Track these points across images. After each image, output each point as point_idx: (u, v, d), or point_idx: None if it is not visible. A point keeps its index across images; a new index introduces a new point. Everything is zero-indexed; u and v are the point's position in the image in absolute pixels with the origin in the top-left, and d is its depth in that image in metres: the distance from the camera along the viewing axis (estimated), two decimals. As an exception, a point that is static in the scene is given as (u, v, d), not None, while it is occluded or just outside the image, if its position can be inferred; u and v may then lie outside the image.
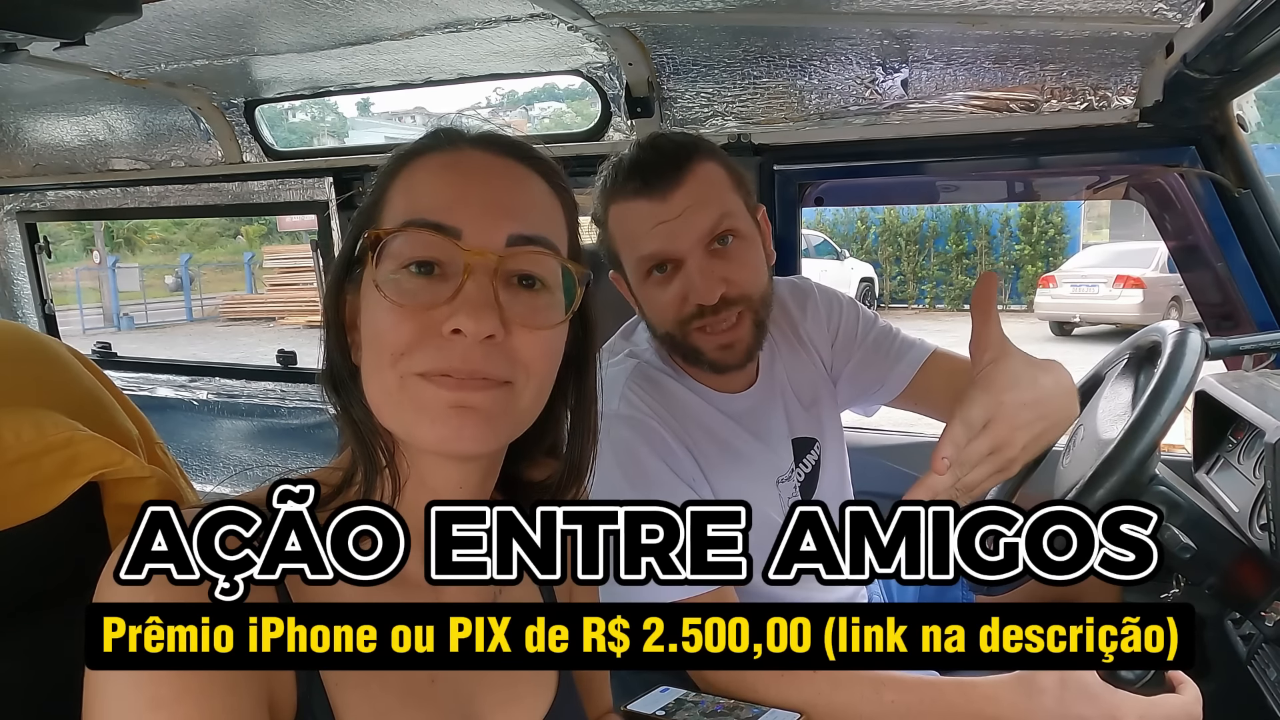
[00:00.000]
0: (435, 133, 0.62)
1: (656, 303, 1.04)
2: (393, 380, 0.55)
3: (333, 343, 0.60)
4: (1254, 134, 1.35)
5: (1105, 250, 12.49)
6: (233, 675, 0.48)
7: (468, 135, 0.61)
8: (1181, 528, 0.94)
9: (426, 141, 0.61)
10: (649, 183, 1.01)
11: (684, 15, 1.41)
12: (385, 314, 0.55)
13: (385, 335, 0.55)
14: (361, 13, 1.41)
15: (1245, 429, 1.10)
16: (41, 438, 0.61)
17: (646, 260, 1.02)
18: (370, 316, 0.57)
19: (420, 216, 0.56)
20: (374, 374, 0.57)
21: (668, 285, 1.02)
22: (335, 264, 0.61)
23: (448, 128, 0.62)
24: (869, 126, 1.55)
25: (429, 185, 0.58)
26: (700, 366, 1.07)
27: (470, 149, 0.60)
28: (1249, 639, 0.96)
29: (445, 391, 0.54)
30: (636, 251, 1.03)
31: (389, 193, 0.59)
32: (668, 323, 1.04)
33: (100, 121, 2.13)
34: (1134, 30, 1.23)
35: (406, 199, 0.58)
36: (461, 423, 0.55)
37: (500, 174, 0.59)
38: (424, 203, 0.57)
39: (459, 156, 0.59)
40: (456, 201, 0.57)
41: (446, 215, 0.56)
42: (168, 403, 2.50)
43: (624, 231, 1.04)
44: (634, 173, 1.02)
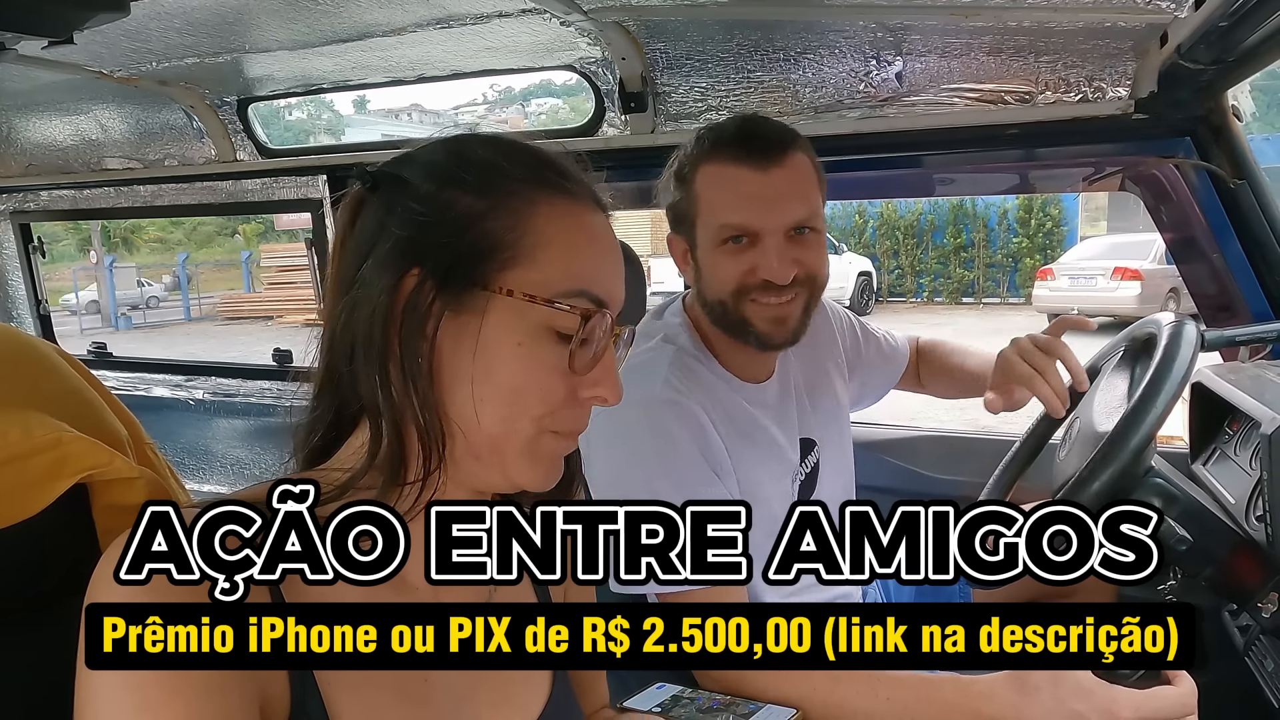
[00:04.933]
0: (562, 169, 0.60)
1: (722, 269, 1.06)
2: (528, 431, 0.56)
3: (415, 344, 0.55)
4: (1249, 124, 1.35)
5: (1103, 242, 12.51)
6: (224, 677, 0.48)
7: (587, 188, 0.61)
8: (1178, 520, 0.95)
9: (559, 181, 0.59)
10: (752, 152, 1.03)
11: (677, 9, 1.40)
12: (538, 371, 0.55)
13: (531, 393, 0.56)
14: (353, 9, 1.40)
15: (1241, 420, 1.10)
16: (29, 439, 0.61)
17: (729, 228, 1.05)
18: (513, 364, 0.55)
19: (590, 290, 0.57)
20: (501, 418, 0.56)
21: (739, 256, 1.04)
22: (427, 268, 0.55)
23: (563, 161, 0.61)
24: (863, 120, 1.55)
25: (590, 253, 0.58)
26: (744, 339, 1.09)
27: (592, 205, 0.60)
28: (1246, 630, 0.97)
29: (561, 448, 0.59)
30: (721, 218, 1.05)
31: (532, 222, 0.56)
32: (726, 291, 1.06)
33: (93, 121, 2.12)
34: (1128, 21, 1.23)
35: (570, 259, 0.57)
36: (556, 471, 0.60)
37: (616, 242, 0.62)
38: (591, 274, 0.57)
39: (591, 217, 0.60)
40: (612, 279, 0.59)
41: (605, 289, 0.58)
42: (164, 402, 2.50)
43: (713, 194, 1.06)
44: (740, 139, 1.05)
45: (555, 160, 0.60)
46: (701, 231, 1.08)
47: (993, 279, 15.26)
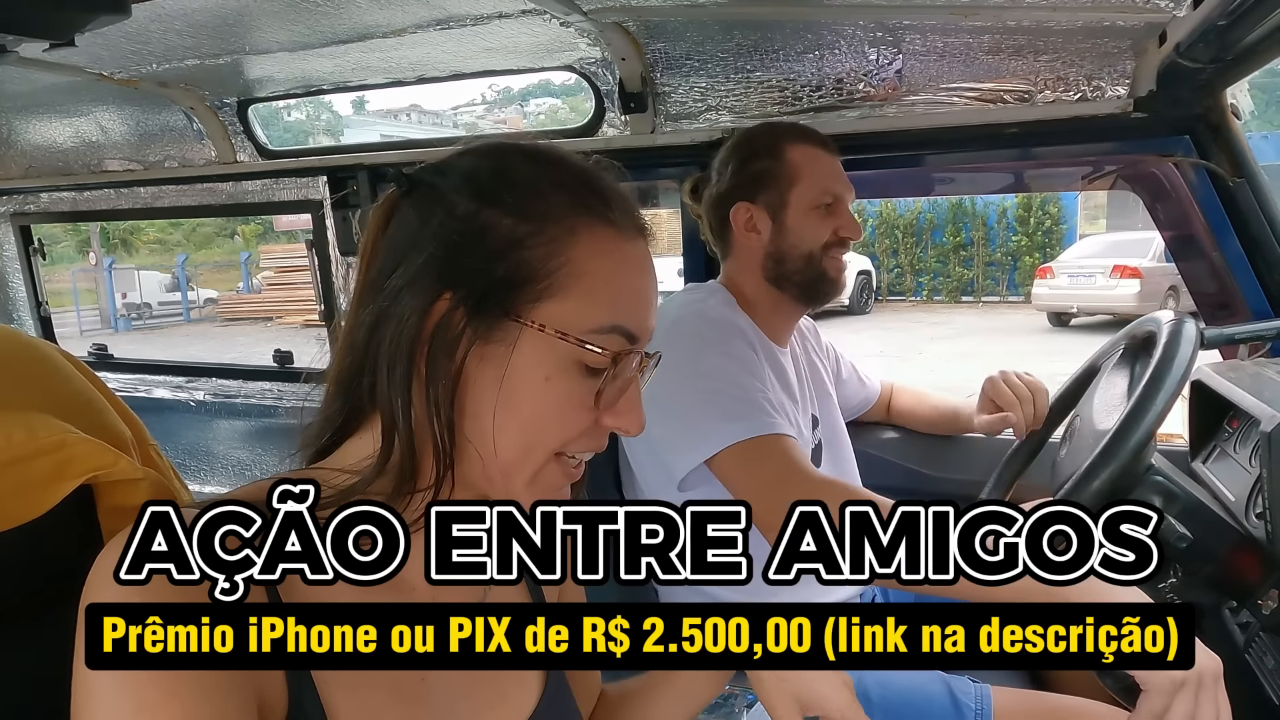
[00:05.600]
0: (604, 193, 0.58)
1: (813, 227, 1.27)
2: (540, 459, 0.57)
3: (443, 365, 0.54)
4: (1248, 123, 1.35)
5: (1102, 240, 12.49)
6: (221, 677, 0.48)
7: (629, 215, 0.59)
8: (1178, 517, 0.95)
9: (602, 209, 0.57)
10: (828, 143, 1.31)
11: (676, 9, 1.40)
12: (562, 404, 0.55)
13: (553, 423, 0.56)
14: (353, 10, 1.40)
15: (1241, 418, 1.10)
16: (33, 440, 0.61)
17: (826, 195, 1.27)
18: (538, 396, 0.55)
19: (625, 326, 0.56)
20: (518, 443, 0.56)
21: (826, 218, 1.27)
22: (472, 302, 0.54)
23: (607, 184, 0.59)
24: (863, 119, 1.55)
25: (628, 288, 0.57)
26: (815, 288, 1.29)
27: (635, 235, 0.58)
28: (1246, 627, 0.97)
29: (564, 479, 0.59)
30: (821, 185, 1.27)
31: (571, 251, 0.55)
32: (817, 244, 1.27)
33: (93, 122, 2.12)
34: (1126, 20, 1.23)
35: (607, 292, 0.55)
36: (559, 494, 0.60)
37: (653, 271, 0.60)
38: (627, 310, 0.56)
39: (632, 247, 0.58)
40: (644, 310, 0.58)
41: (638, 325, 0.57)
42: (165, 404, 2.50)
43: (811, 166, 1.27)
44: (811, 130, 1.31)
45: (600, 183, 0.58)
46: (800, 195, 1.27)
47: (992, 277, 15.25)
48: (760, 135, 1.30)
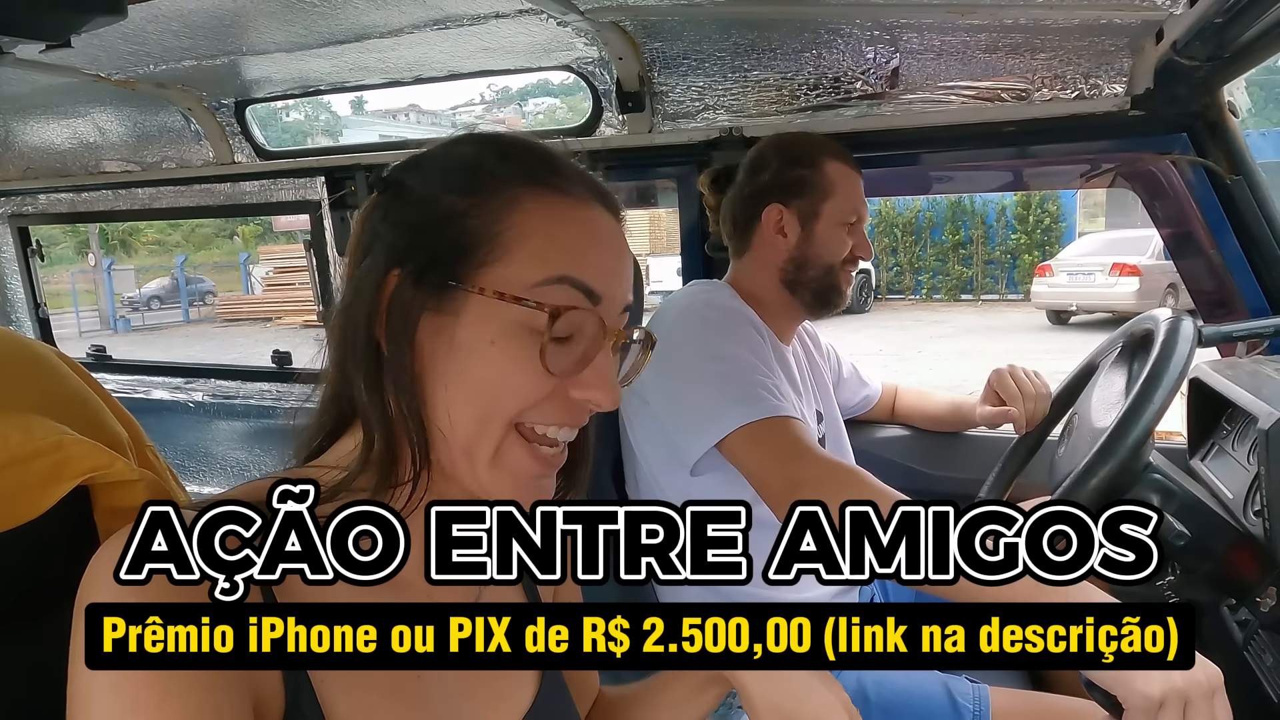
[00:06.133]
0: (553, 163, 0.58)
1: (838, 241, 1.32)
2: (497, 433, 0.55)
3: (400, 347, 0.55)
4: (1245, 120, 1.35)
5: (1101, 238, 12.51)
6: (217, 677, 0.48)
7: (585, 182, 0.59)
8: (1176, 515, 0.95)
9: (546, 173, 0.57)
10: (857, 166, 1.36)
11: (673, 9, 1.40)
12: (514, 369, 0.54)
13: (505, 390, 0.54)
14: (350, 11, 1.40)
15: (1239, 416, 1.10)
16: (30, 442, 0.61)
17: (852, 214, 1.33)
18: (489, 362, 0.54)
19: (573, 275, 0.54)
20: (472, 417, 0.55)
21: (848, 235, 1.33)
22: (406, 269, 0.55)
23: (560, 157, 0.59)
24: (860, 118, 1.55)
25: (576, 243, 0.56)
26: (826, 298, 1.34)
27: (597, 205, 0.58)
28: (1245, 625, 0.97)
29: (534, 465, 0.57)
30: (850, 204, 1.33)
31: (514, 217, 0.55)
32: (837, 258, 1.33)
33: (90, 124, 2.12)
34: (1123, 18, 1.23)
35: (551, 248, 0.55)
36: (538, 489, 0.58)
37: (621, 241, 0.60)
38: (574, 261, 0.55)
39: (592, 213, 0.58)
40: (601, 271, 0.56)
41: (595, 282, 0.55)
42: (163, 405, 2.49)
43: (845, 186, 1.32)
44: (846, 151, 1.35)
45: (551, 156, 0.58)
46: (832, 209, 1.31)
47: (991, 276, 15.27)
48: (802, 144, 1.34)
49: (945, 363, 9.07)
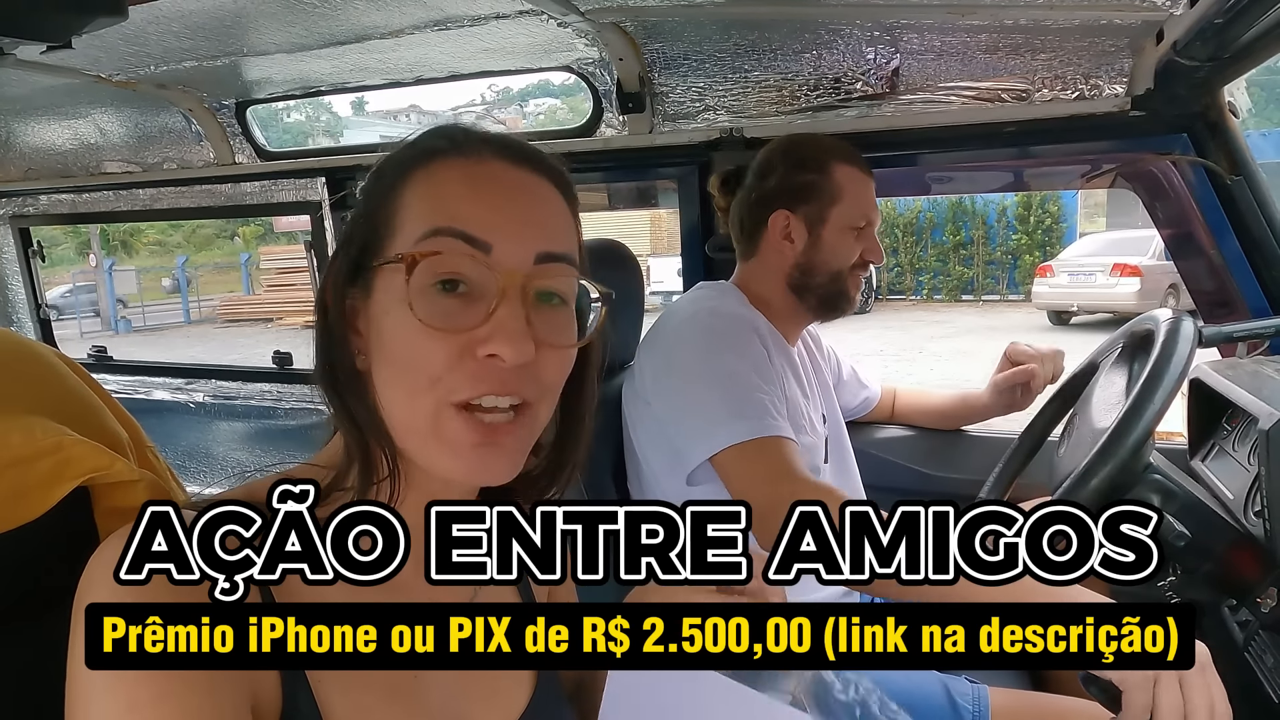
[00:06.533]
0: (451, 134, 0.58)
1: (846, 247, 1.31)
2: (427, 407, 0.54)
3: (333, 342, 0.57)
4: (1246, 120, 1.35)
5: (1102, 239, 12.50)
6: (214, 677, 0.48)
7: (488, 141, 0.58)
8: (1177, 515, 0.95)
9: (443, 144, 0.57)
10: (868, 167, 1.33)
11: (674, 9, 1.40)
12: (416, 335, 0.53)
13: (418, 358, 0.53)
14: (350, 12, 1.40)
15: (1240, 416, 1.10)
16: (30, 443, 0.61)
17: (862, 219, 1.31)
18: (396, 334, 0.54)
19: (449, 224, 0.54)
20: (403, 397, 0.55)
21: (858, 240, 1.31)
22: (337, 263, 0.58)
23: (463, 128, 0.59)
24: (860, 119, 1.55)
25: (456, 194, 0.55)
26: (834, 303, 1.33)
27: (493, 159, 0.57)
28: (1245, 625, 0.97)
29: (473, 434, 0.54)
30: (860, 209, 1.30)
31: (403, 196, 0.56)
32: (846, 263, 1.31)
33: (91, 125, 2.12)
34: (1124, 18, 1.23)
35: (429, 205, 0.55)
36: (487, 460, 0.55)
37: (525, 188, 0.57)
38: (452, 211, 0.54)
39: (483, 166, 0.56)
40: (488, 215, 0.55)
41: (478, 228, 0.54)
42: (164, 405, 2.49)
43: (854, 188, 1.30)
44: (857, 153, 1.32)
45: (450, 130, 0.59)
46: (839, 214, 1.29)
47: (992, 276, 15.26)
48: (810, 147, 1.32)
49: (946, 363, 9.06)
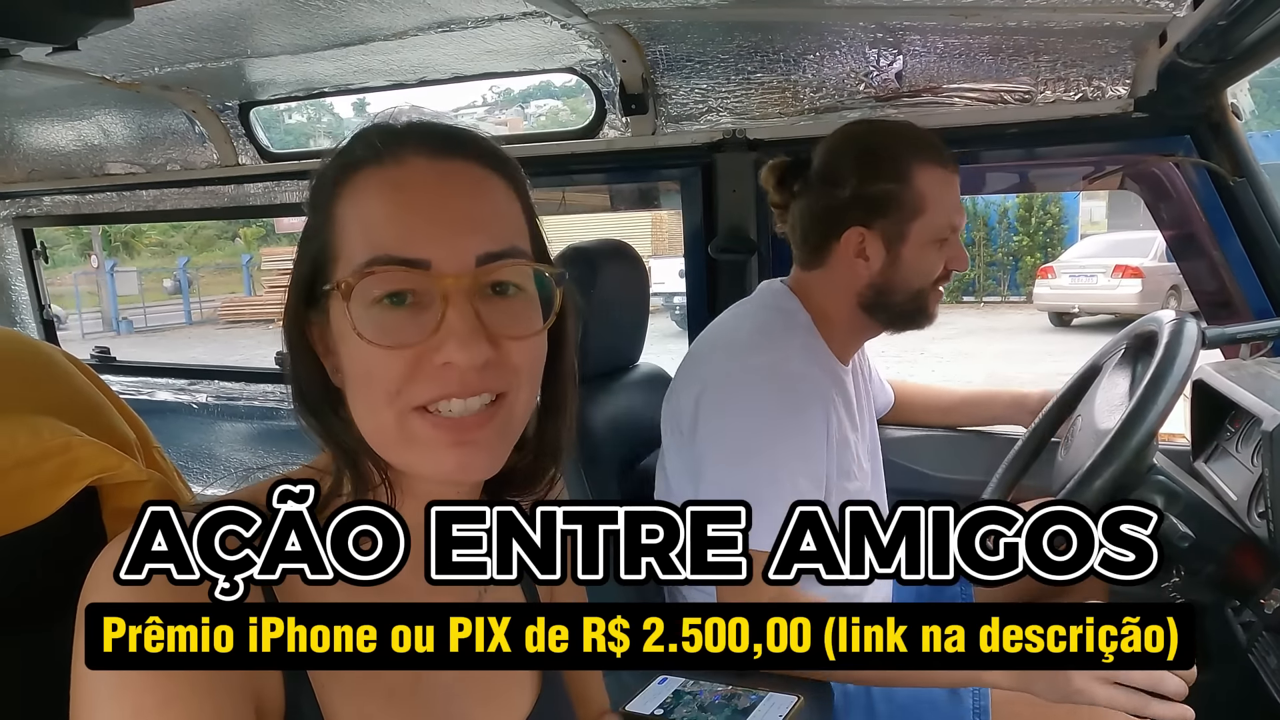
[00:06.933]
0: (368, 139, 0.56)
1: (930, 261, 1.14)
2: (390, 418, 0.53)
3: (302, 368, 0.56)
4: (1249, 122, 1.35)
5: (1103, 240, 12.48)
6: (219, 679, 0.48)
7: (407, 138, 0.55)
8: (1180, 517, 0.95)
9: (362, 152, 0.55)
10: (951, 158, 1.13)
11: (677, 11, 1.40)
12: (370, 353, 0.52)
13: (375, 374, 0.53)
14: (354, 14, 1.41)
15: (1243, 417, 1.10)
16: (39, 443, 0.62)
17: (948, 228, 1.13)
18: (353, 354, 0.54)
19: (384, 253, 0.52)
20: (368, 412, 0.55)
21: (941, 250, 1.14)
22: (292, 291, 0.57)
23: (382, 129, 0.56)
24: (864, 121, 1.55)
25: (383, 213, 0.53)
26: (911, 320, 1.19)
27: (414, 158, 0.54)
28: (1249, 627, 0.97)
29: (444, 434, 0.53)
30: (945, 218, 1.12)
31: (336, 214, 0.55)
32: (928, 280, 1.15)
33: (95, 126, 2.12)
34: (1127, 20, 1.23)
35: (361, 228, 0.53)
36: (464, 457, 0.54)
37: (454, 184, 0.55)
38: (382, 235, 0.52)
39: (405, 171, 0.54)
40: (417, 229, 0.52)
41: (410, 248, 0.52)
42: (167, 406, 2.50)
43: (940, 193, 1.12)
44: (940, 146, 1.13)
45: (366, 133, 0.57)
46: (922, 227, 1.12)
47: (993, 277, 15.24)
48: (885, 149, 1.13)
49: (947, 364, 9.05)
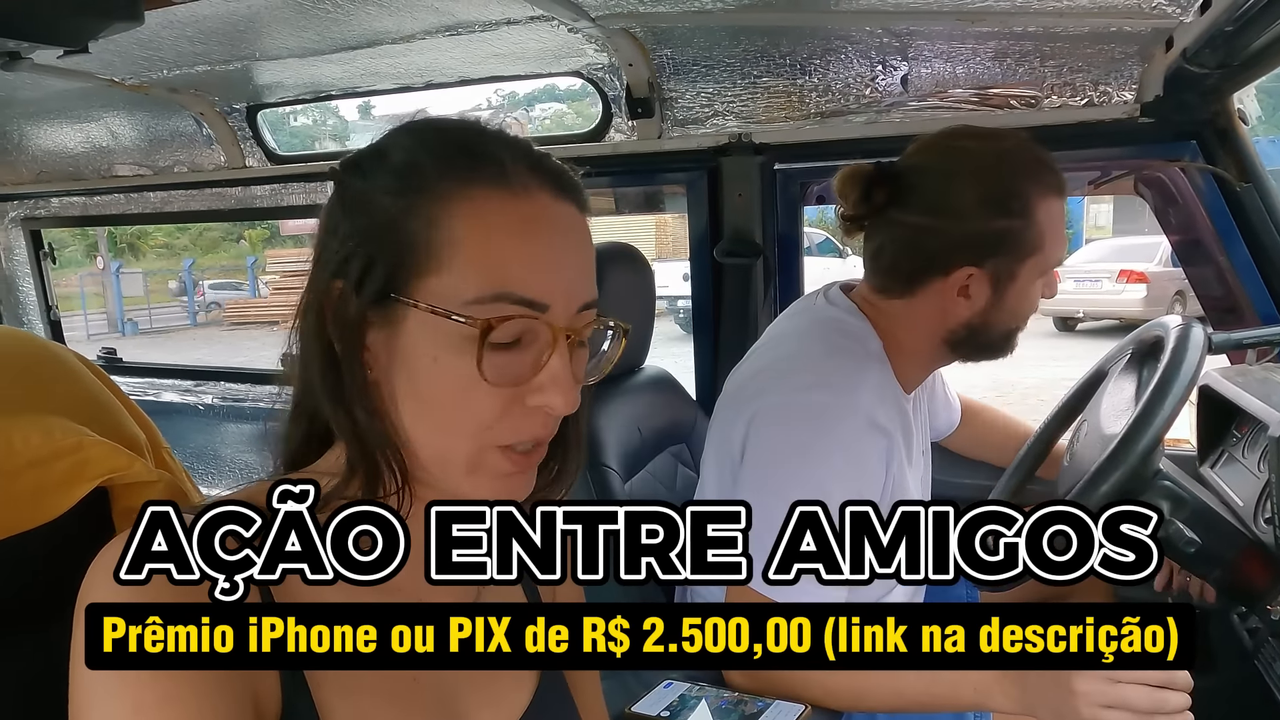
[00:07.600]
0: (493, 153, 0.53)
1: (1030, 301, 1.05)
2: (468, 448, 0.53)
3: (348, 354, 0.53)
4: (1255, 127, 1.35)
5: (1108, 245, 12.43)
6: (217, 678, 0.48)
7: (533, 170, 0.53)
8: (1186, 522, 0.94)
9: (487, 166, 0.52)
10: (1065, 187, 1.03)
11: (684, 15, 1.41)
12: (469, 386, 0.51)
13: (468, 406, 0.52)
14: (362, 17, 1.41)
15: (1249, 423, 1.10)
16: (50, 443, 0.62)
17: (1056, 261, 1.04)
18: (440, 380, 0.52)
19: (509, 290, 0.50)
20: (439, 435, 0.53)
21: (1042, 283, 1.05)
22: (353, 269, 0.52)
23: (503, 141, 0.53)
24: (870, 125, 1.55)
25: (512, 246, 0.51)
26: (1000, 352, 1.10)
27: (540, 193, 0.53)
28: (1255, 633, 0.96)
29: (513, 466, 0.54)
30: (1057, 251, 1.03)
31: (443, 222, 0.51)
32: (1025, 319, 1.07)
33: (103, 128, 2.14)
34: (1133, 25, 1.23)
35: (481, 253, 0.51)
36: (519, 486, 0.56)
37: (573, 234, 0.54)
38: (509, 270, 0.51)
39: (534, 207, 0.52)
40: (546, 276, 0.52)
41: (534, 289, 0.51)
42: (173, 407, 2.51)
43: (1054, 232, 1.02)
44: (1056, 171, 1.03)
45: (481, 142, 0.54)
46: (1034, 265, 1.02)
47: (1000, 283, 15.18)
48: (1014, 181, 1.01)
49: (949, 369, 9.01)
